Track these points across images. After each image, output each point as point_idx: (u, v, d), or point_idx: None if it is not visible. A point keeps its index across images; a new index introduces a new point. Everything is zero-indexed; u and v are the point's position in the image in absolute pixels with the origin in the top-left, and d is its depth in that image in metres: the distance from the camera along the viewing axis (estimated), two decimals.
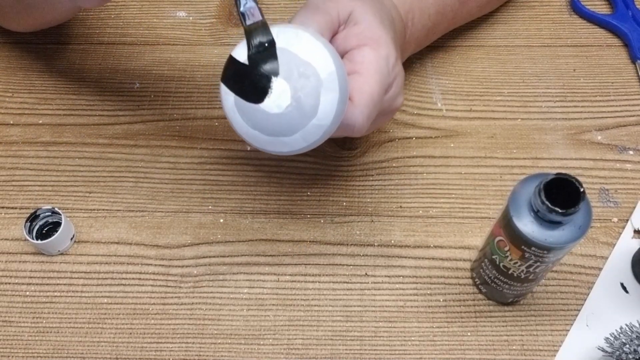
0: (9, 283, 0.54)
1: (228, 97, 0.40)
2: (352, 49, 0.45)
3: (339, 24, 0.46)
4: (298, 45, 0.38)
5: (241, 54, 0.39)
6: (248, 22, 0.39)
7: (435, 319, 0.52)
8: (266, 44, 0.38)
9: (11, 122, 0.62)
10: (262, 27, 0.39)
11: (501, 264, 0.46)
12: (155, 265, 0.54)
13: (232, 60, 0.39)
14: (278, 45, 0.38)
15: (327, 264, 0.54)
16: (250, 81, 0.38)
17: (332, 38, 0.46)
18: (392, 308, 0.52)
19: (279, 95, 0.38)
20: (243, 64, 0.38)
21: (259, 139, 0.40)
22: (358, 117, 0.43)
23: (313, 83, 0.38)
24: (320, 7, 0.45)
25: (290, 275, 0.54)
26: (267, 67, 0.38)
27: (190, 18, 0.69)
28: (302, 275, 0.54)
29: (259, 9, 0.39)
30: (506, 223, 0.43)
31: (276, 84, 0.37)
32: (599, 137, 0.60)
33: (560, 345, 0.50)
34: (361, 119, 0.43)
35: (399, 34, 0.51)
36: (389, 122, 0.60)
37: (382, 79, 0.44)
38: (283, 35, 0.38)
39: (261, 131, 0.40)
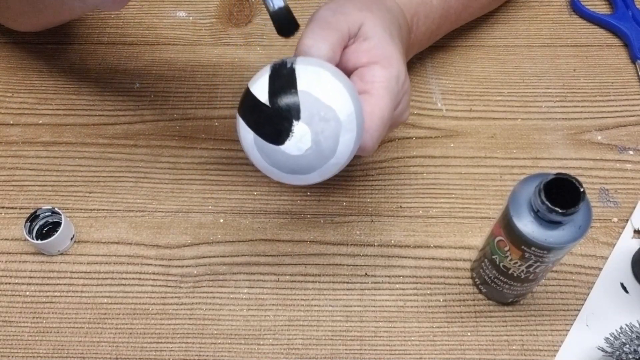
0: (9, 283, 0.54)
1: (247, 134, 0.40)
2: (363, 66, 0.45)
3: (349, 38, 0.45)
4: (319, 88, 0.38)
5: (260, 88, 0.39)
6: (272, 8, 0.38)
7: (435, 319, 0.52)
8: (288, 85, 0.38)
9: (11, 122, 0.62)
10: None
11: (501, 264, 0.46)
12: (155, 265, 0.54)
13: (251, 97, 0.39)
14: (300, 88, 0.38)
15: (327, 264, 0.54)
16: (272, 123, 0.38)
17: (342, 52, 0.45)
18: (392, 308, 0.52)
19: (300, 139, 0.38)
20: (264, 105, 0.38)
21: (276, 174, 0.41)
22: (369, 141, 0.43)
23: (333, 126, 0.38)
24: (330, 22, 0.45)
25: (290, 275, 0.54)
26: (289, 110, 0.37)
27: (190, 18, 0.69)
28: (302, 275, 0.54)
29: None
30: (506, 223, 0.43)
31: (297, 127, 0.37)
32: (599, 137, 0.60)
33: (560, 345, 0.50)
34: (372, 142, 0.43)
35: (405, 39, 0.51)
36: None
37: (392, 98, 0.44)
38: (304, 76, 0.38)
39: (279, 169, 0.40)
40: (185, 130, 0.61)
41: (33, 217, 0.54)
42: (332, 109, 0.38)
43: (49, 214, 0.54)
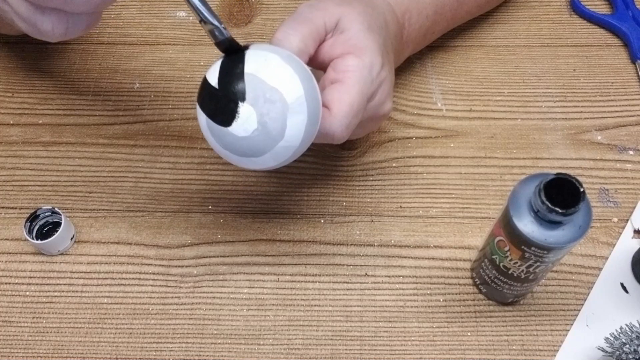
0: (9, 283, 0.54)
1: (201, 117, 0.41)
2: (337, 57, 0.45)
3: (325, 33, 0.46)
4: (266, 71, 0.39)
5: (212, 73, 0.40)
6: (218, 39, 0.40)
7: (435, 319, 0.52)
8: (236, 69, 0.39)
9: (11, 122, 0.62)
10: (232, 47, 0.40)
11: (501, 264, 0.46)
12: (155, 265, 0.54)
13: (204, 82, 0.41)
14: (246, 70, 0.39)
15: (327, 264, 0.54)
16: (220, 105, 0.39)
17: (319, 47, 0.46)
18: (392, 308, 0.52)
19: (246, 120, 0.39)
20: (214, 88, 0.40)
21: (230, 157, 0.42)
22: (337, 128, 0.44)
23: (279, 108, 0.39)
24: (306, 17, 0.45)
25: (290, 275, 0.54)
26: (234, 92, 0.39)
27: (190, 18, 0.69)
28: (302, 275, 0.54)
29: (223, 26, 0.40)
30: (506, 223, 0.43)
31: (243, 109, 0.39)
32: (599, 137, 0.60)
33: (560, 346, 0.50)
34: (340, 129, 0.44)
35: (394, 36, 0.51)
36: (387, 123, 0.60)
37: (364, 87, 0.45)
38: (253, 60, 0.39)
39: (231, 151, 0.41)
40: (185, 130, 0.61)
41: (33, 217, 0.54)
42: (277, 91, 0.39)
43: (49, 214, 0.54)
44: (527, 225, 0.41)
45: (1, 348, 0.51)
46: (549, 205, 0.39)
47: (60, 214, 0.53)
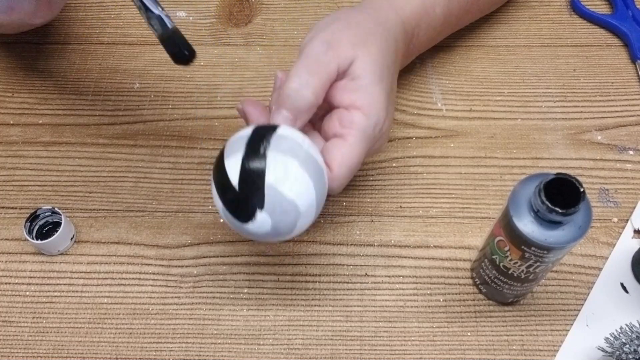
0: (9, 283, 0.54)
1: (217, 200, 0.42)
2: (345, 107, 0.45)
3: (337, 76, 0.46)
4: (285, 183, 0.40)
5: (232, 167, 0.41)
6: (161, 32, 0.40)
7: (435, 319, 0.52)
8: (257, 178, 0.40)
9: (11, 122, 0.62)
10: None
11: (501, 264, 0.46)
12: (155, 265, 0.54)
13: (223, 173, 0.41)
14: (267, 181, 0.40)
15: (327, 264, 0.54)
16: (238, 205, 0.41)
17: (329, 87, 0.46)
18: (392, 308, 0.52)
19: (260, 225, 0.40)
20: (233, 187, 0.40)
21: (239, 231, 0.43)
22: (335, 186, 0.45)
23: (292, 216, 0.41)
24: (320, 61, 0.45)
25: (290, 275, 0.54)
26: (254, 200, 0.40)
27: (190, 18, 0.69)
28: (302, 275, 0.54)
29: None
30: (506, 223, 0.43)
31: (260, 215, 0.40)
32: (599, 137, 0.60)
33: (560, 346, 0.50)
34: (338, 187, 0.45)
35: (402, 52, 0.51)
36: None
37: (366, 147, 0.45)
38: (273, 168, 0.40)
39: (241, 232, 0.43)
40: (185, 130, 0.61)
41: (33, 217, 0.54)
42: (294, 203, 0.40)
43: (49, 214, 0.54)
44: (527, 225, 0.41)
45: (1, 348, 0.51)
46: (549, 205, 0.39)
47: (60, 214, 0.53)
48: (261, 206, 0.40)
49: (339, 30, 0.47)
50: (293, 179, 0.40)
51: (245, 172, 0.40)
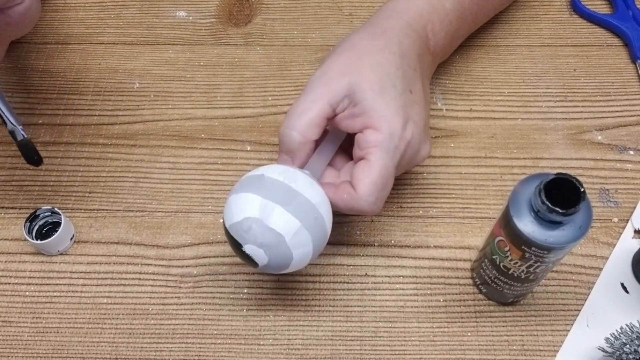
0: (9, 283, 0.54)
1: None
2: (358, 132, 0.47)
3: (332, 110, 0.47)
4: (269, 218, 0.43)
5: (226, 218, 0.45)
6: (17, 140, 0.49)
7: (435, 319, 0.52)
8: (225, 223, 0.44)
9: None
10: (30, 148, 0.50)
11: (501, 264, 0.46)
12: (155, 265, 0.54)
13: (224, 227, 0.45)
14: (227, 224, 0.44)
15: (327, 264, 0.54)
16: (236, 249, 0.44)
17: (336, 118, 0.48)
18: (392, 308, 0.52)
19: (260, 259, 0.43)
20: (230, 238, 0.44)
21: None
22: (364, 205, 0.46)
23: (283, 248, 0.43)
24: (306, 100, 0.47)
25: (290, 275, 0.54)
26: (245, 242, 0.43)
27: (190, 18, 0.69)
28: (302, 275, 0.54)
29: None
30: (506, 223, 0.43)
31: (255, 251, 0.43)
32: (599, 137, 0.60)
33: (560, 346, 0.50)
34: (367, 205, 0.46)
35: (418, 53, 0.51)
36: None
37: (387, 161, 0.46)
38: (256, 209, 0.43)
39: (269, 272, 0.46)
40: (185, 130, 0.61)
41: (33, 217, 0.54)
42: (278, 234, 0.43)
43: (49, 214, 0.54)
44: (527, 225, 0.41)
45: (1, 348, 0.51)
46: (549, 205, 0.39)
47: (60, 214, 0.53)
48: (254, 243, 0.43)
49: (330, 62, 0.49)
50: (276, 216, 0.43)
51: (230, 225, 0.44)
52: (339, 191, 0.47)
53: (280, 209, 0.43)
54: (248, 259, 0.44)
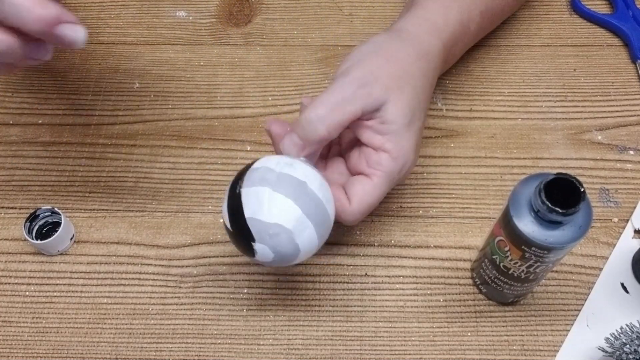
0: (9, 283, 0.54)
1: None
2: (373, 148, 0.46)
3: (362, 114, 0.46)
4: (262, 211, 0.42)
5: (224, 213, 0.44)
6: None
7: (435, 319, 0.52)
8: (239, 216, 0.43)
9: (11, 122, 0.62)
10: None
11: (501, 264, 0.46)
12: (155, 265, 0.54)
13: (224, 220, 0.45)
14: (246, 215, 0.42)
15: (327, 264, 0.54)
16: (239, 243, 0.44)
17: (356, 121, 0.46)
18: (392, 308, 0.52)
19: (263, 254, 0.43)
20: (230, 229, 0.44)
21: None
22: (350, 219, 0.46)
23: (285, 237, 0.42)
24: (345, 99, 0.45)
25: (290, 275, 0.54)
26: (245, 235, 0.43)
27: (190, 18, 0.69)
28: (302, 275, 0.54)
29: None
30: (506, 223, 0.43)
31: (257, 246, 0.42)
32: (599, 137, 0.60)
33: (560, 346, 0.50)
34: (353, 220, 0.47)
35: (439, 70, 0.52)
36: None
37: (389, 185, 0.47)
38: (247, 202, 0.42)
39: (263, 263, 0.45)
40: (185, 130, 0.61)
41: (33, 217, 0.54)
42: (277, 225, 0.42)
43: (49, 214, 0.54)
44: (527, 225, 0.41)
45: (1, 348, 0.51)
46: (549, 205, 0.39)
47: (60, 214, 0.53)
48: (252, 239, 0.42)
49: (377, 67, 0.47)
50: (267, 203, 0.42)
51: (231, 215, 0.43)
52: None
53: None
54: (248, 250, 0.43)
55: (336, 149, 0.51)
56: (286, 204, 0.42)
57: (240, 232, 0.43)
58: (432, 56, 0.50)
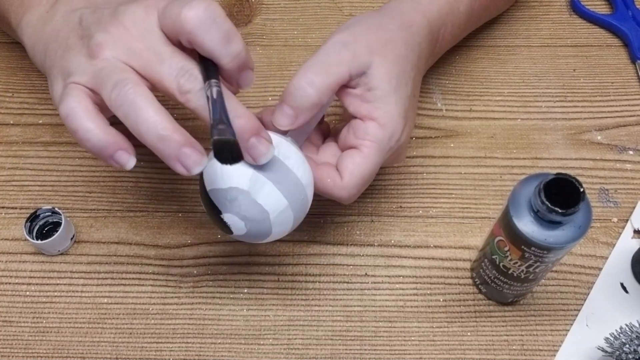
0: (9, 283, 0.54)
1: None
2: (360, 117, 0.46)
3: (350, 79, 0.45)
4: (217, 180, 0.42)
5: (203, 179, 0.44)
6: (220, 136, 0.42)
7: (435, 319, 0.52)
8: (202, 190, 0.43)
9: (11, 122, 0.62)
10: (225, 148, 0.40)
11: (501, 264, 0.46)
12: (155, 265, 0.54)
13: (202, 189, 0.44)
14: (207, 188, 0.42)
15: (327, 264, 0.54)
16: (215, 222, 0.44)
17: (342, 89, 0.46)
18: (392, 308, 0.52)
19: (236, 226, 0.43)
20: (208, 202, 0.44)
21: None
22: (345, 195, 0.45)
23: (243, 198, 0.41)
24: (330, 61, 0.45)
25: (290, 275, 0.54)
26: (213, 212, 0.43)
27: None
28: (302, 275, 0.54)
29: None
30: (506, 223, 0.43)
31: (226, 217, 0.42)
32: (599, 137, 0.60)
33: (560, 345, 0.50)
34: (348, 196, 0.46)
35: (426, 50, 0.51)
36: None
37: (379, 158, 0.46)
38: (207, 174, 0.43)
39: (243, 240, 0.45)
40: (185, 130, 0.61)
41: (33, 217, 0.54)
42: (232, 188, 0.41)
43: (49, 214, 0.54)
44: (527, 225, 0.41)
45: (1, 348, 0.51)
46: (549, 205, 0.39)
47: (60, 214, 0.53)
48: (218, 211, 0.42)
49: (359, 32, 0.47)
50: (221, 171, 0.42)
51: (201, 196, 0.44)
52: (321, 173, 0.46)
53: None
54: (223, 226, 0.43)
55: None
56: (238, 167, 0.40)
57: (208, 208, 0.43)
58: (416, 28, 0.49)
